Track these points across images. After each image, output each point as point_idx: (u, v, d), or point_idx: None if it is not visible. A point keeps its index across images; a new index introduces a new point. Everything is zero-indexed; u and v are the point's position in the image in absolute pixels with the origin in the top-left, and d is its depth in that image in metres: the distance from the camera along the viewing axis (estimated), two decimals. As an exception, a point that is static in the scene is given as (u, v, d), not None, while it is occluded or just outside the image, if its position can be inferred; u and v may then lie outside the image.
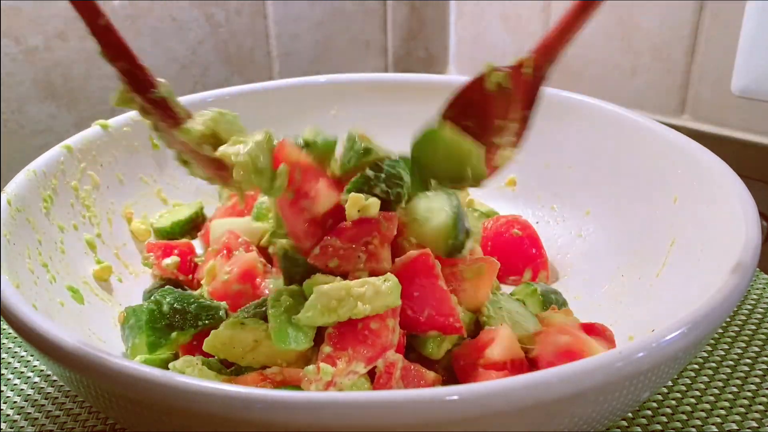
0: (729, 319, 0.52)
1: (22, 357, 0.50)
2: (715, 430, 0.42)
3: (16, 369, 0.49)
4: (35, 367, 0.49)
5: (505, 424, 0.29)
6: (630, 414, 0.43)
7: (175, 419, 0.30)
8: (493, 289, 0.46)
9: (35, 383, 0.47)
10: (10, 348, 0.51)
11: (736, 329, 0.51)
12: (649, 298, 0.46)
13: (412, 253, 0.42)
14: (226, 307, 0.45)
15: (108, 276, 0.52)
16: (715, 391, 0.45)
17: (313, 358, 0.40)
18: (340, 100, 0.69)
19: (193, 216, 0.60)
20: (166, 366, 0.41)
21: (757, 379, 0.46)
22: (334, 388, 0.37)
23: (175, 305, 0.44)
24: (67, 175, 0.53)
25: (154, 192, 0.61)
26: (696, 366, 0.47)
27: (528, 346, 0.42)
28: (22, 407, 0.45)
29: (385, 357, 0.38)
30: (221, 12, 0.88)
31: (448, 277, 0.43)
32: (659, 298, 0.45)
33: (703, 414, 0.43)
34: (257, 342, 0.41)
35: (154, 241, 0.56)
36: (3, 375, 0.48)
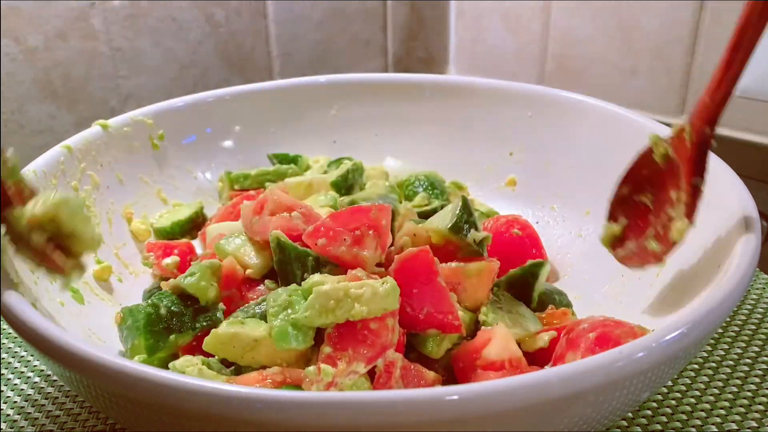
0: (729, 319, 0.52)
1: (22, 357, 0.50)
2: (715, 430, 0.42)
3: (16, 369, 0.49)
4: (35, 367, 0.49)
5: (505, 424, 0.29)
6: (630, 414, 0.43)
7: (175, 419, 0.30)
8: (494, 288, 0.46)
9: (35, 383, 0.47)
10: (10, 348, 0.51)
11: (736, 329, 0.51)
12: (649, 298, 0.45)
13: (411, 250, 0.42)
14: (223, 308, 0.45)
15: (108, 276, 0.52)
16: (715, 391, 0.45)
17: (313, 358, 0.40)
18: (340, 100, 0.69)
19: (193, 216, 0.60)
20: (166, 366, 0.41)
21: (756, 379, 0.46)
22: (335, 389, 0.37)
23: (173, 308, 0.44)
24: (67, 175, 0.53)
25: (154, 192, 0.61)
26: (696, 366, 0.47)
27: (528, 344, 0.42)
28: (22, 407, 0.45)
29: (385, 356, 0.38)
30: (221, 12, 0.88)
31: (447, 276, 0.44)
32: (659, 298, 0.45)
33: (703, 414, 0.43)
34: (257, 341, 0.41)
35: (154, 241, 0.56)
36: (3, 375, 0.48)
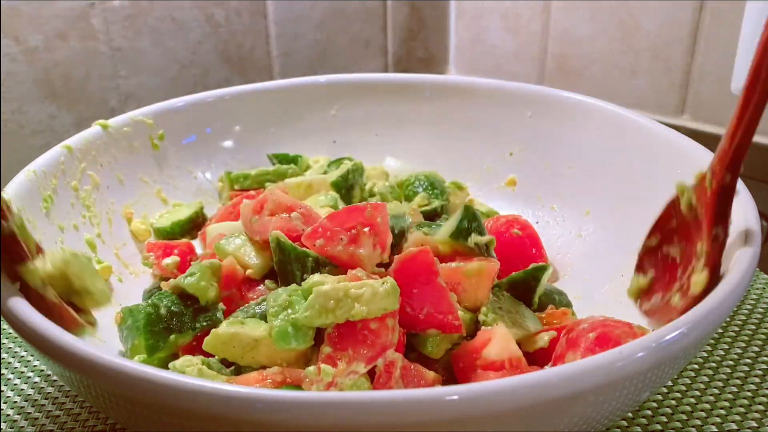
0: (729, 319, 0.52)
1: (22, 357, 0.50)
2: (715, 430, 0.42)
3: (16, 369, 0.49)
4: (35, 367, 0.49)
5: (505, 424, 0.29)
6: (630, 414, 0.43)
7: (175, 419, 0.30)
8: (494, 288, 0.46)
9: (35, 383, 0.47)
10: (10, 348, 0.51)
11: (736, 329, 0.51)
12: (649, 298, 0.45)
13: (411, 251, 0.42)
14: (223, 308, 0.45)
15: (108, 276, 0.52)
16: (715, 391, 0.45)
17: (313, 358, 0.40)
18: (340, 100, 0.69)
19: (193, 216, 0.60)
20: (166, 366, 0.41)
21: (756, 379, 0.46)
22: (335, 389, 0.37)
23: (173, 308, 0.44)
24: (67, 175, 0.53)
25: (154, 192, 0.61)
26: (696, 366, 0.47)
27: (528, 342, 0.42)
28: (22, 407, 0.45)
29: (385, 356, 0.38)
30: (221, 12, 0.88)
31: (447, 276, 0.44)
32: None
33: (702, 414, 0.43)
34: (257, 341, 0.41)
35: (154, 241, 0.56)
36: (3, 375, 0.48)
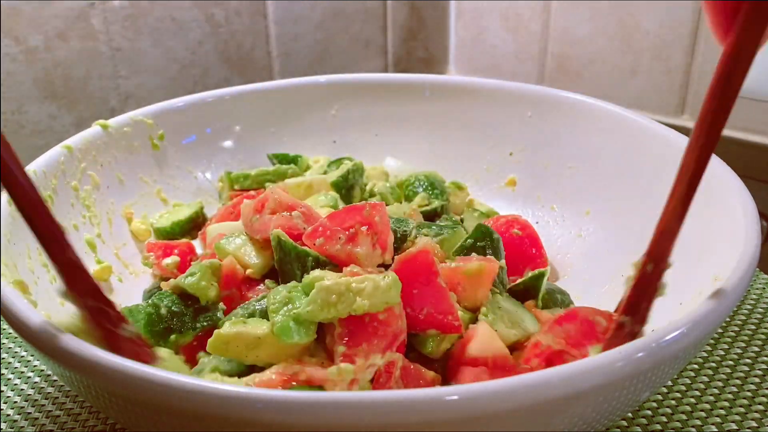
0: (729, 319, 0.52)
1: (22, 357, 0.50)
2: (715, 430, 0.42)
3: (16, 369, 0.49)
4: (35, 367, 0.49)
5: (505, 424, 0.29)
6: (630, 414, 0.43)
7: (175, 419, 0.30)
8: (494, 288, 0.47)
9: (35, 383, 0.47)
10: (10, 348, 0.51)
11: (736, 329, 0.51)
12: (649, 298, 0.45)
13: (411, 251, 0.42)
14: (224, 308, 0.45)
15: (108, 276, 0.52)
16: (715, 390, 0.45)
17: (316, 352, 0.40)
18: (340, 100, 0.69)
19: (193, 216, 0.60)
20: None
21: (756, 379, 0.46)
22: (357, 387, 0.37)
23: (173, 308, 0.44)
24: (67, 175, 0.53)
25: (154, 192, 0.61)
26: (696, 366, 0.47)
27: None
28: (22, 407, 0.45)
29: (385, 356, 0.38)
30: (221, 12, 0.88)
31: (447, 276, 0.44)
32: (659, 298, 0.45)
33: (702, 414, 0.43)
34: (260, 339, 0.40)
35: (154, 241, 0.56)
36: (3, 375, 0.48)
